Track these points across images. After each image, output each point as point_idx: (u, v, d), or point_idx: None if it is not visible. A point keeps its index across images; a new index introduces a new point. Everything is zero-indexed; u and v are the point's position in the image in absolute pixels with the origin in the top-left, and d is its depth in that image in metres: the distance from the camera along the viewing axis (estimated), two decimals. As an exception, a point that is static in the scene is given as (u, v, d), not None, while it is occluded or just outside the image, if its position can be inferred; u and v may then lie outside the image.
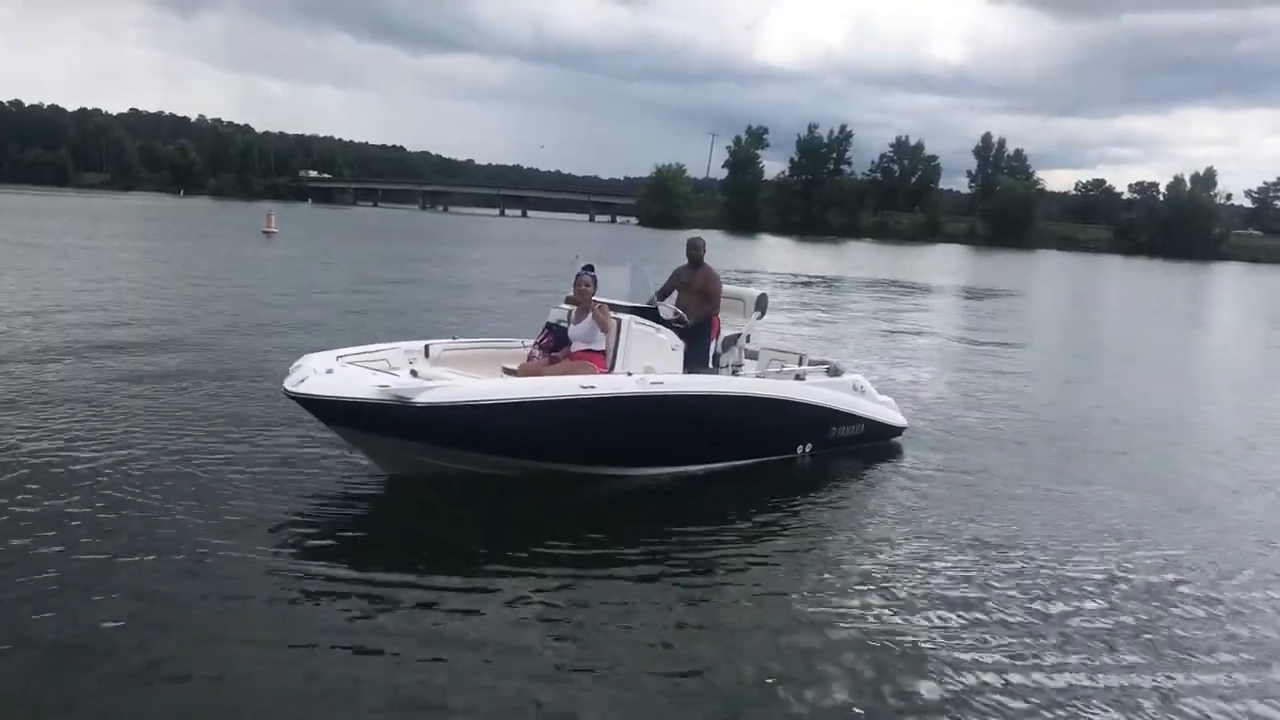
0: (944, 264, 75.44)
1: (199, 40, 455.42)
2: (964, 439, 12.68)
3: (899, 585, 7.27)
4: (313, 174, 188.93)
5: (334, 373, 8.29)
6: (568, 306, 9.89)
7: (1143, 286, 63.81)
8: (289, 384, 8.23)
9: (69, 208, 78.53)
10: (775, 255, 71.35)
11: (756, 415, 10.22)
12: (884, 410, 11.86)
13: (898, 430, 12.01)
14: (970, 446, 12.26)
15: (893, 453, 11.61)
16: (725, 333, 10.66)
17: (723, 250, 72.78)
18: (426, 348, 9.83)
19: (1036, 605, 7.04)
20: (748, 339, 11.13)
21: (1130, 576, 7.83)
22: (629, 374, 9.03)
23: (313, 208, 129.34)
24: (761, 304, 11.30)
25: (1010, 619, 6.78)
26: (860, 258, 76.74)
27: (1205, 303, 52.46)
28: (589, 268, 9.59)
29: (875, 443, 11.60)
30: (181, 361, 14.25)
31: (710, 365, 10.34)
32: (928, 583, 7.36)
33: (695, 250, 10.65)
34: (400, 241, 60.31)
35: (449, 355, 9.93)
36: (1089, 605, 7.15)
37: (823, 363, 11.80)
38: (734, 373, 10.72)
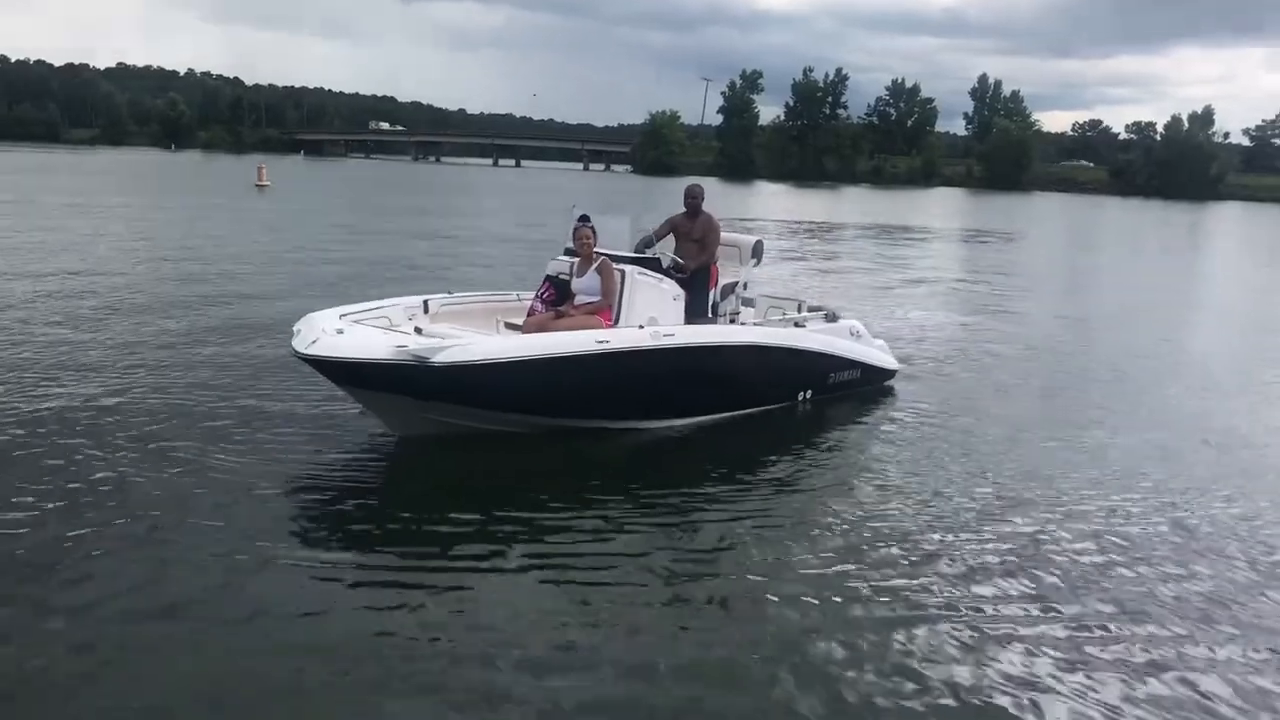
0: (940, 208, 75.31)
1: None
2: (961, 382, 12.74)
3: (915, 540, 7.16)
4: (384, 125, 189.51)
5: (345, 333, 8.15)
6: (566, 258, 9.81)
7: (1139, 227, 63.61)
8: (299, 345, 8.08)
9: (61, 164, 77.89)
10: (772, 202, 71.16)
11: (764, 364, 10.25)
12: (878, 354, 11.91)
13: (891, 373, 12.08)
14: (967, 390, 12.29)
15: (889, 397, 11.63)
16: (723, 280, 10.58)
17: (719, 197, 72.34)
18: (425, 303, 9.74)
19: (1053, 557, 6.99)
20: (745, 286, 11.08)
21: (1129, 519, 7.86)
22: (640, 327, 9.02)
23: (304, 160, 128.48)
24: (758, 251, 11.22)
25: (1029, 571, 6.73)
26: (857, 203, 76.48)
27: (1202, 244, 52.33)
28: (585, 218, 9.48)
29: (871, 387, 11.66)
30: (179, 321, 14.13)
31: (709, 314, 10.28)
32: (942, 536, 7.30)
33: (693, 198, 10.50)
34: (393, 193, 59.97)
35: (447, 310, 9.85)
36: (1090, 555, 7.11)
37: (820, 309, 11.80)
38: (731, 321, 10.68)
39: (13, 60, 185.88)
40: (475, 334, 8.90)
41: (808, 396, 10.85)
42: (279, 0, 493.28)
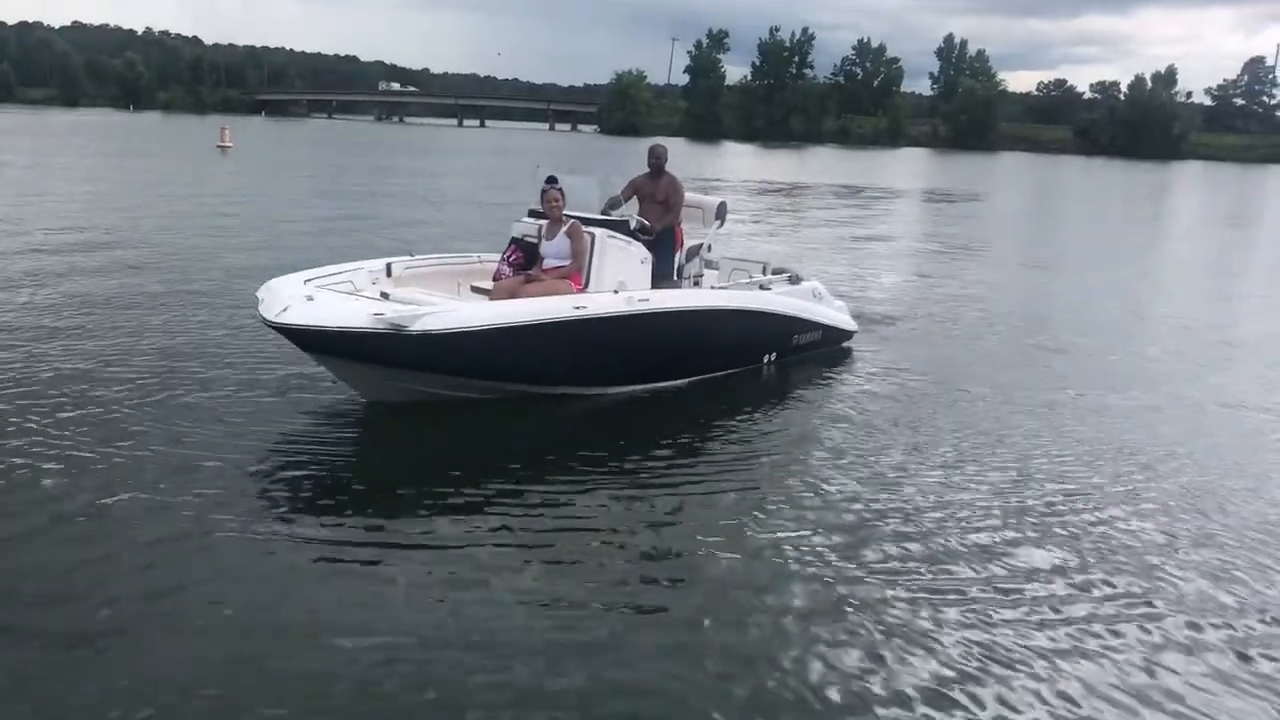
0: (906, 168, 75.39)
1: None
2: (927, 342, 12.96)
3: (880, 506, 7.13)
4: (395, 86, 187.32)
5: (315, 300, 7.97)
6: (531, 220, 9.73)
7: (1102, 187, 64.11)
8: (268, 313, 7.86)
9: (13, 125, 76.43)
10: (738, 162, 70.97)
11: (735, 327, 10.29)
12: (838, 315, 12.01)
13: (850, 334, 12.19)
14: (936, 350, 12.52)
15: (851, 357, 11.78)
16: (687, 243, 10.56)
17: (686, 158, 72.08)
18: (389, 266, 9.61)
19: (1020, 517, 7.08)
20: (709, 249, 11.06)
21: (1096, 479, 8.07)
22: (615, 292, 8.98)
23: (266, 120, 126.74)
24: (721, 212, 11.22)
25: (997, 534, 6.81)
26: (823, 163, 76.50)
27: (1164, 203, 52.81)
28: (553, 180, 9.38)
29: (830, 347, 11.76)
30: (144, 284, 13.96)
31: (674, 277, 10.24)
32: (906, 500, 7.35)
33: (657, 159, 10.42)
34: (357, 154, 59.32)
35: (410, 274, 9.74)
36: (1061, 520, 7.22)
37: (783, 270, 11.84)
38: (695, 284, 10.67)
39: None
40: (449, 300, 8.81)
41: (772, 359, 10.91)
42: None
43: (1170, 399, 10.63)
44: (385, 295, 8.46)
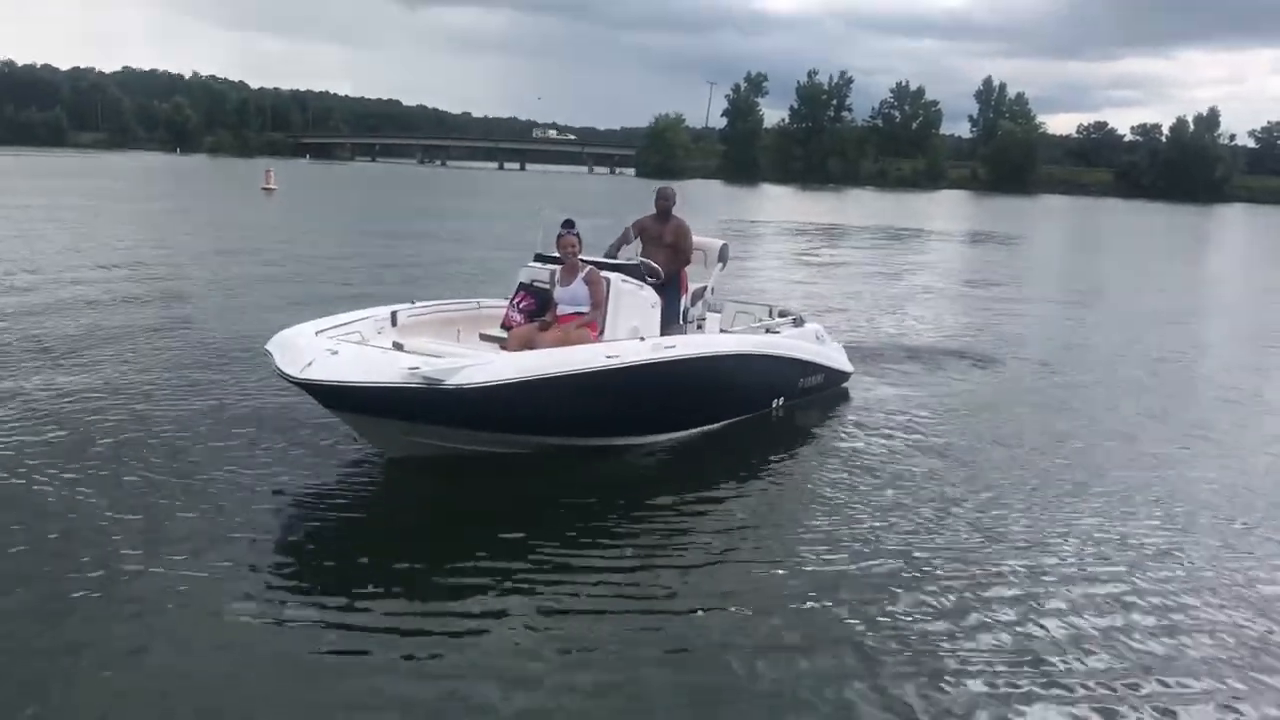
0: (945, 210, 75.22)
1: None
2: (959, 385, 12.86)
3: (926, 559, 7.00)
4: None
5: (340, 354, 7.55)
6: (538, 265, 9.48)
7: (1143, 229, 63.51)
8: (290, 368, 7.41)
9: (66, 168, 78.08)
10: (776, 205, 71.14)
11: (752, 372, 10.13)
12: (839, 357, 11.85)
13: (847, 376, 11.99)
14: (968, 394, 12.45)
15: (850, 400, 11.59)
16: (692, 286, 10.30)
17: (723, 200, 72.66)
18: (394, 315, 9.15)
19: (1057, 556, 7.08)
20: (711, 291, 10.84)
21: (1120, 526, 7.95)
22: (642, 339, 8.75)
23: (311, 163, 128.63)
24: (724, 254, 10.97)
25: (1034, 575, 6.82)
26: (861, 205, 76.39)
27: (1206, 244, 52.28)
28: (570, 224, 9.05)
29: (831, 390, 11.60)
30: (172, 323, 14.07)
31: (680, 321, 9.92)
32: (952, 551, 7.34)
33: (665, 200, 10.09)
34: (399, 196, 60.20)
35: (414, 321, 9.32)
36: (1076, 555, 7.22)
37: (787, 313, 11.69)
38: (699, 328, 10.42)
39: (20, 65, 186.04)
40: (479, 352, 8.48)
41: (780, 403, 10.69)
42: (285, 6, 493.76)
43: (1202, 440, 10.50)
44: (399, 345, 8.13)
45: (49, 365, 11.13)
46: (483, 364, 7.66)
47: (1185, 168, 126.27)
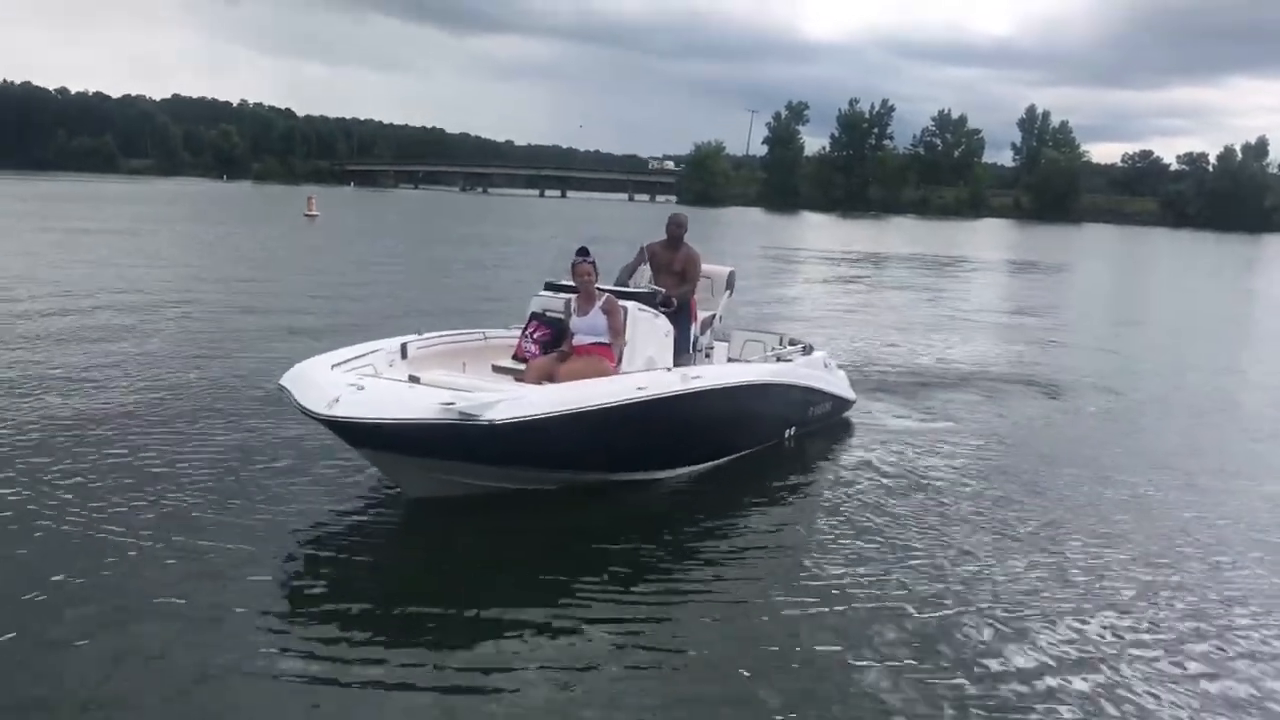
0: (988, 238, 74.69)
1: (241, 25, 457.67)
2: (998, 414, 12.60)
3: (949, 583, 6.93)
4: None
5: (366, 389, 7.26)
6: (548, 294, 9.33)
7: (1190, 257, 62.69)
8: (315, 405, 7.09)
9: (117, 194, 79.43)
10: (817, 232, 71.02)
11: (770, 401, 9.98)
12: (843, 385, 11.67)
13: (850, 404, 11.79)
14: (1010, 422, 12.19)
15: (855, 429, 11.41)
16: (701, 314, 10.10)
17: (763, 228, 72.66)
18: (403, 347, 8.88)
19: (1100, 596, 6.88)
20: (720, 319, 10.69)
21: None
22: (668, 369, 8.63)
23: (354, 190, 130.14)
24: (731, 281, 10.83)
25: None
26: (903, 233, 76.07)
27: (1257, 275, 51.42)
28: (584, 252, 8.82)
29: (836, 418, 11.45)
30: (197, 349, 14.07)
31: (690, 350, 9.70)
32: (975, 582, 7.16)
33: (677, 228, 9.90)
34: (440, 224, 60.67)
35: (423, 353, 9.04)
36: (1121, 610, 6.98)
37: (797, 342, 11.52)
38: (707, 357, 10.28)
39: (73, 92, 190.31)
40: (498, 385, 8.22)
41: (792, 433, 10.51)
42: (333, 35, 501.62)
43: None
44: (415, 379, 7.85)
45: (71, 390, 11.10)
46: (517, 398, 7.39)
47: (1233, 196, 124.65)
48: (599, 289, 8.81)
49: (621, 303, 8.79)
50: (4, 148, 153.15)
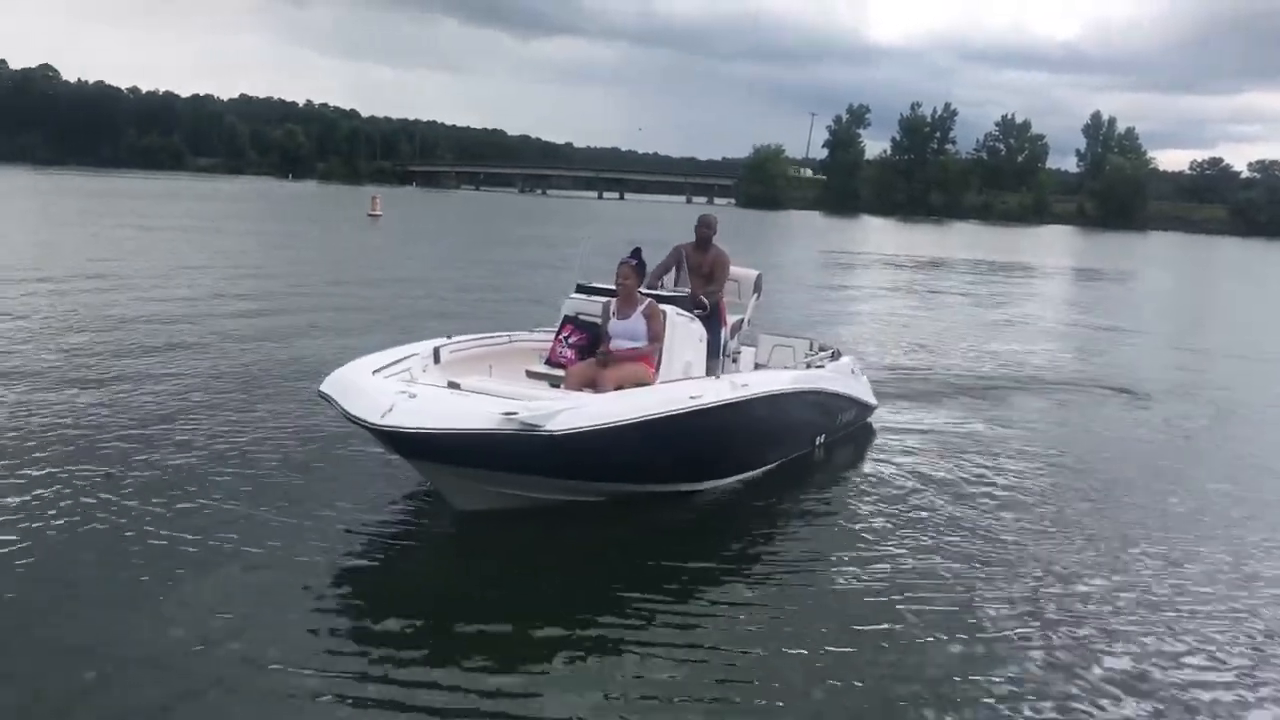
0: (1052, 245, 73.68)
1: (309, 27, 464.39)
2: (1042, 424, 12.50)
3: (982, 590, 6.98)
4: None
5: (419, 398, 6.99)
6: (582, 296, 9.10)
7: (1263, 267, 61.26)
8: (368, 415, 6.81)
9: (185, 190, 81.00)
10: (877, 236, 70.48)
11: (807, 409, 9.90)
12: (867, 391, 11.54)
13: (873, 409, 11.67)
14: (1058, 429, 12.09)
15: (876, 436, 11.31)
16: (730, 318, 9.84)
17: (823, 232, 72.31)
18: (436, 351, 8.65)
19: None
20: (749, 323, 10.49)
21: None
22: (716, 376, 8.51)
23: (417, 190, 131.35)
24: (759, 285, 10.60)
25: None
26: (965, 238, 75.29)
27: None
28: (637, 253, 8.60)
29: (860, 424, 11.33)
30: (254, 345, 14.28)
31: (720, 355, 9.37)
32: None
33: (707, 229, 9.67)
34: (500, 224, 61.12)
35: (455, 358, 8.81)
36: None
37: (826, 347, 11.45)
38: (734, 361, 9.92)
39: (144, 91, 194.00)
40: (548, 392, 8.05)
41: (822, 440, 10.35)
42: (398, 37, 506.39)
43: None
44: (454, 385, 7.69)
45: (114, 382, 11.35)
46: (577, 408, 7.12)
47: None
48: (640, 293, 8.61)
49: (661, 306, 8.57)
50: (78, 145, 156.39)
